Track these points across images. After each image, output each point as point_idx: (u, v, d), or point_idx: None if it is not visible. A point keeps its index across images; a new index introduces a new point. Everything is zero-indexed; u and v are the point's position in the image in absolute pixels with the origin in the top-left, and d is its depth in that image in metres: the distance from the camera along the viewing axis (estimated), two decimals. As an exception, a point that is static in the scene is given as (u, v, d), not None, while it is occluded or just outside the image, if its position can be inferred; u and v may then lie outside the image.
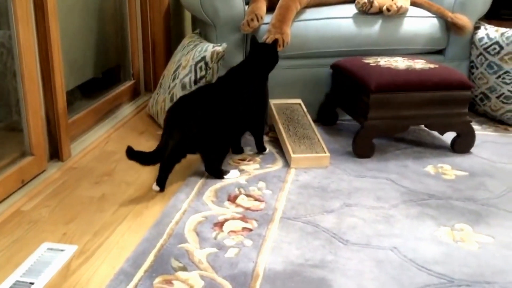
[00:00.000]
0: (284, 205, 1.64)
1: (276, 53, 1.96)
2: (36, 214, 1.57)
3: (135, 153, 1.62)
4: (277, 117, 2.12)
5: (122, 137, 2.19)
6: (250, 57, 1.96)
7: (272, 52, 1.96)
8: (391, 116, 1.98)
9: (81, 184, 1.77)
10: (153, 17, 2.62)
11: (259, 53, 1.94)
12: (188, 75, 2.07)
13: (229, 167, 1.86)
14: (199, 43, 2.20)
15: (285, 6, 2.21)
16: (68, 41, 2.09)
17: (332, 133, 2.26)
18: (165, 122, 1.74)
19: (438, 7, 2.36)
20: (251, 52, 1.96)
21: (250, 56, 1.96)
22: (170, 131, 1.69)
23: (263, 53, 1.95)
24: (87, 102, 2.26)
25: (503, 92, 2.31)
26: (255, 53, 1.95)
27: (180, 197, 1.67)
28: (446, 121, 2.02)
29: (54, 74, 1.81)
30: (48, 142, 1.87)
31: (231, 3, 2.15)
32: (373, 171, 1.90)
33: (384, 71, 2.01)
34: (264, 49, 1.96)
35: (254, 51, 1.95)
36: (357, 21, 2.30)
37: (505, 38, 2.27)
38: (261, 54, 1.94)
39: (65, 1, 2.04)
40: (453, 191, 1.76)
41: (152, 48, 2.67)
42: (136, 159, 1.63)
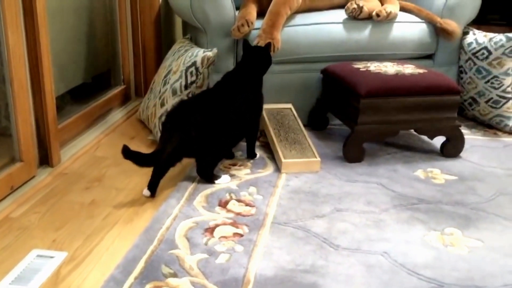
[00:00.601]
0: (275, 210, 1.64)
1: (269, 56, 1.97)
2: (26, 220, 1.56)
3: (132, 153, 1.61)
4: (268, 122, 2.12)
5: (113, 142, 2.18)
6: (243, 61, 1.96)
7: (265, 54, 1.96)
8: (381, 121, 1.99)
9: (71, 190, 1.76)
10: (144, 22, 2.62)
11: (252, 56, 1.95)
12: (179, 80, 2.07)
13: (220, 172, 1.86)
14: (190, 48, 2.20)
15: (275, 12, 2.21)
16: (58, 46, 2.08)
17: (322, 137, 2.26)
18: (164, 126, 1.74)
19: (427, 13, 2.38)
20: (244, 55, 1.96)
21: (244, 60, 1.96)
22: (169, 135, 1.69)
23: (256, 56, 1.95)
24: (77, 107, 2.25)
25: (492, 96, 2.33)
26: (248, 56, 1.95)
27: (171, 202, 1.67)
28: (436, 125, 2.04)
29: (43, 80, 1.80)
30: (37, 147, 1.86)
31: (222, 8, 2.16)
32: (364, 175, 1.91)
33: (374, 76, 2.02)
34: (257, 52, 1.96)
35: (247, 54, 1.95)
36: (347, 27, 2.32)
37: (493, 43, 2.29)
38: (254, 57, 1.95)
39: (55, 6, 2.04)
40: (443, 195, 1.77)
41: (143, 53, 2.67)
42: (132, 159, 1.62)
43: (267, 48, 1.97)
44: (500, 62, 2.27)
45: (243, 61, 1.96)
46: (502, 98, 2.31)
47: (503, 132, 2.36)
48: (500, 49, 2.26)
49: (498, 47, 2.27)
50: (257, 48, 1.98)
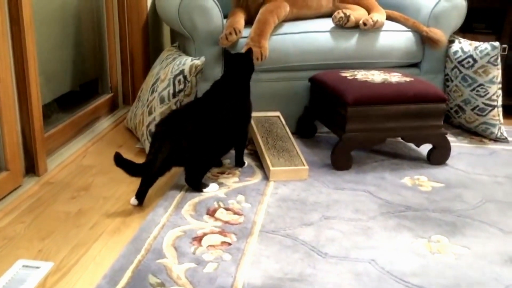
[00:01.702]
0: (263, 218, 1.64)
1: (250, 61, 1.96)
2: (11, 230, 1.54)
3: (124, 161, 1.61)
4: (256, 130, 2.13)
5: (100, 151, 2.17)
6: (226, 69, 1.96)
7: (245, 60, 1.95)
8: (368, 129, 2.00)
9: (57, 199, 1.74)
10: (132, 30, 2.62)
11: (233, 63, 1.94)
12: (167, 89, 2.06)
13: (208, 180, 1.86)
14: (178, 56, 2.20)
15: (263, 20, 2.22)
16: (45, 54, 2.07)
17: (310, 145, 2.27)
18: (154, 136, 1.73)
19: (413, 22, 2.41)
20: (225, 64, 1.96)
21: (226, 68, 1.96)
22: (160, 144, 1.68)
23: (237, 62, 1.94)
24: (65, 116, 2.24)
25: (478, 104, 2.36)
26: (230, 64, 1.95)
27: (158, 211, 1.66)
28: (422, 133, 2.06)
29: (30, 88, 1.79)
30: (23, 156, 1.84)
31: (209, 17, 2.16)
32: (351, 183, 1.92)
33: (361, 85, 2.03)
34: (237, 58, 1.95)
35: (229, 62, 1.95)
36: (334, 35, 2.33)
37: (478, 52, 2.31)
38: (236, 64, 1.94)
39: (42, 14, 2.03)
40: (430, 202, 1.78)
41: (131, 61, 2.66)
42: (124, 168, 1.61)
43: (248, 54, 1.96)
44: (486, 71, 2.30)
45: (225, 69, 1.96)
46: (487, 106, 2.34)
47: (489, 140, 2.39)
48: (485, 57, 2.29)
49: (484, 55, 2.29)
50: (238, 55, 1.97)
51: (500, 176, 2.00)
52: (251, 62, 1.96)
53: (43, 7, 2.06)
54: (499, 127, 2.36)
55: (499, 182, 1.96)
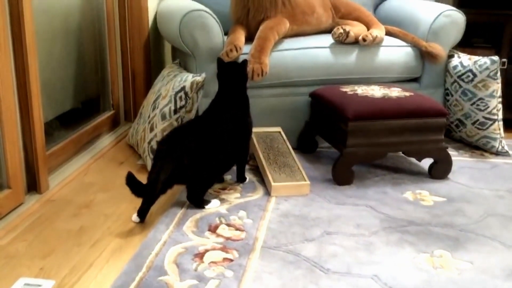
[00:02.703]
0: (265, 234, 1.64)
1: (243, 70, 1.94)
2: (13, 248, 1.54)
3: (135, 181, 1.62)
4: (257, 146, 2.13)
5: (101, 168, 2.17)
6: (220, 79, 1.95)
7: (238, 69, 1.93)
8: (369, 144, 2.01)
9: (59, 216, 1.74)
10: (133, 47, 2.64)
11: (226, 72, 1.93)
12: (168, 105, 2.07)
13: (209, 197, 1.86)
14: (179, 73, 2.22)
15: (264, 37, 2.24)
16: (47, 71, 2.09)
17: (312, 160, 2.27)
18: (157, 154, 1.74)
19: (412, 37, 2.43)
20: (219, 72, 1.95)
21: (220, 77, 1.94)
22: (162, 163, 1.69)
23: (230, 71, 1.93)
24: (66, 133, 2.24)
25: (478, 118, 2.36)
26: (223, 72, 1.93)
27: (160, 228, 1.66)
28: (423, 147, 2.06)
29: (32, 106, 1.80)
30: (25, 174, 1.84)
31: (210, 34, 2.18)
32: (353, 198, 1.91)
33: (361, 100, 2.04)
34: (230, 67, 1.94)
35: (221, 70, 1.94)
36: (334, 51, 2.35)
37: (478, 66, 2.33)
38: (229, 72, 1.93)
39: (44, 31, 2.05)
40: (432, 217, 1.78)
41: (132, 78, 2.68)
42: (131, 188, 1.62)
43: (242, 63, 1.94)
44: (485, 85, 2.31)
45: (219, 79, 1.95)
46: (488, 120, 2.34)
47: (490, 153, 2.39)
48: (485, 71, 2.30)
49: (483, 69, 2.31)
50: (230, 64, 1.96)
51: (502, 190, 2.00)
52: (244, 71, 1.95)
53: (45, 24, 2.08)
54: (500, 140, 2.36)
55: (501, 196, 1.95)
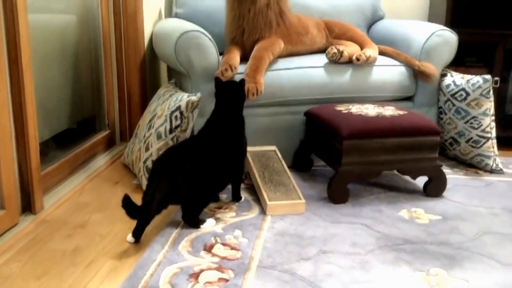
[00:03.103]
0: (261, 253, 1.63)
1: (241, 89, 1.94)
2: (7, 269, 1.53)
3: (130, 204, 1.62)
4: (253, 164, 2.13)
5: (96, 188, 2.17)
6: (217, 97, 1.95)
7: (237, 88, 1.93)
8: (364, 162, 2.02)
9: (53, 237, 1.73)
10: (129, 67, 2.65)
11: (225, 91, 1.93)
12: (164, 125, 2.08)
13: (205, 216, 1.86)
14: (174, 93, 2.23)
15: (258, 57, 2.27)
16: (43, 92, 2.09)
17: (307, 179, 2.28)
18: (151, 175, 1.74)
19: (405, 56, 2.46)
20: (216, 92, 1.95)
21: (217, 96, 1.95)
22: (157, 183, 1.69)
23: (228, 91, 1.93)
24: (61, 153, 2.24)
25: (472, 136, 2.38)
26: (221, 91, 1.94)
27: (155, 248, 1.65)
28: (417, 165, 2.07)
29: (27, 127, 1.80)
30: (20, 195, 1.84)
31: (205, 54, 2.20)
32: (349, 216, 1.91)
33: (356, 118, 2.06)
34: (228, 86, 1.94)
35: (219, 90, 1.94)
36: (328, 70, 2.37)
37: (470, 85, 2.35)
38: (227, 92, 1.93)
39: (40, 51, 2.06)
40: (427, 235, 1.78)
41: (128, 98, 2.69)
42: (127, 211, 1.62)
43: (240, 83, 1.95)
44: (478, 103, 2.33)
45: (216, 98, 1.95)
46: (482, 138, 2.36)
47: (484, 171, 2.40)
48: (478, 90, 2.32)
49: (476, 88, 2.33)
50: (229, 83, 1.97)
51: (497, 208, 2.01)
52: (243, 91, 1.95)
53: (41, 45, 2.09)
54: (494, 158, 2.38)
55: (496, 213, 1.96)
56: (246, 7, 2.35)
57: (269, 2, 2.36)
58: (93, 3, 2.51)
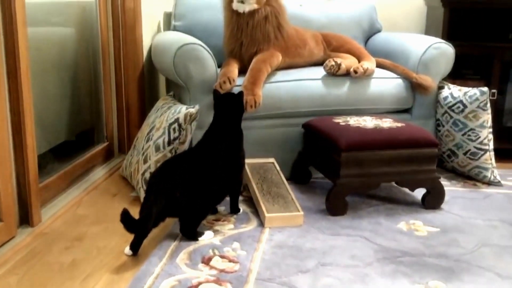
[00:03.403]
0: (259, 266, 1.63)
1: (240, 101, 1.94)
2: (4, 283, 1.52)
3: (129, 219, 1.61)
4: (251, 176, 2.13)
5: (94, 200, 2.16)
6: (216, 110, 1.95)
7: (235, 100, 1.93)
8: (362, 174, 2.02)
9: (51, 250, 1.73)
10: (128, 80, 2.66)
11: (223, 104, 1.93)
12: (162, 137, 2.09)
13: (203, 228, 1.85)
14: (173, 105, 2.24)
15: (257, 69, 2.28)
16: (42, 105, 2.10)
17: (305, 191, 2.28)
18: (149, 188, 1.74)
19: (402, 69, 2.47)
20: (215, 104, 1.95)
21: (216, 109, 1.95)
22: (155, 196, 1.69)
23: (227, 103, 1.93)
24: (60, 165, 2.24)
25: (470, 148, 2.38)
26: (219, 104, 1.94)
27: (153, 260, 1.65)
28: (416, 177, 2.07)
29: (26, 140, 1.80)
30: (18, 207, 1.83)
31: (204, 66, 2.21)
32: (347, 229, 1.91)
33: (354, 130, 2.06)
34: (226, 98, 1.95)
35: (218, 102, 1.94)
36: (326, 83, 2.38)
37: (468, 97, 2.36)
38: (226, 105, 1.93)
39: (39, 64, 2.07)
40: (426, 247, 1.77)
41: (126, 110, 2.69)
42: (125, 225, 1.61)
43: (238, 95, 1.95)
44: (476, 115, 2.34)
45: (215, 110, 1.95)
46: (479, 150, 2.36)
47: (482, 183, 2.40)
48: (475, 102, 2.33)
49: (473, 100, 2.34)
50: (227, 95, 1.97)
51: (495, 220, 2.01)
52: (241, 103, 1.96)
53: (40, 57, 2.10)
54: (492, 170, 2.38)
55: (494, 226, 1.96)
56: (244, 20, 2.37)
57: (267, 15, 2.38)
58: (92, 16, 2.53)
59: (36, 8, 2.10)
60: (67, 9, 2.40)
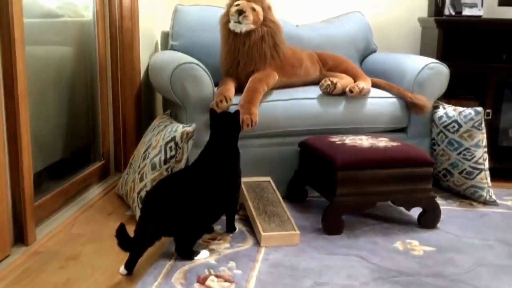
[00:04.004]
0: (255, 285, 1.62)
1: (236, 120, 1.94)
2: (-4, 302, 1.51)
3: (124, 235, 1.62)
4: (247, 195, 2.13)
5: (90, 219, 2.16)
6: (212, 129, 1.94)
7: (231, 119, 1.93)
8: (358, 193, 2.02)
9: (45, 269, 1.71)
10: (125, 98, 2.67)
11: (219, 123, 1.93)
12: (158, 155, 2.09)
13: (199, 247, 1.84)
14: (170, 123, 2.24)
15: (253, 88, 2.29)
16: (38, 122, 2.10)
17: (301, 210, 2.27)
18: (144, 207, 1.73)
19: (398, 88, 2.49)
20: (211, 124, 1.95)
21: (212, 128, 1.94)
22: (150, 215, 1.68)
23: (223, 122, 1.93)
24: (55, 184, 2.24)
25: (465, 168, 2.39)
26: (216, 123, 1.94)
27: (147, 280, 1.63)
28: (411, 197, 2.07)
29: (22, 158, 1.80)
30: (13, 226, 1.82)
31: (201, 85, 2.22)
32: (343, 248, 1.91)
33: (350, 149, 2.07)
34: (223, 117, 1.94)
35: (214, 121, 1.94)
36: (322, 102, 2.40)
37: (462, 117, 2.38)
38: (222, 124, 1.93)
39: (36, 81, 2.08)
40: (422, 267, 1.77)
41: (123, 128, 2.70)
42: (119, 240, 1.61)
43: (235, 114, 1.95)
44: (471, 135, 2.35)
45: (211, 130, 1.94)
46: (475, 169, 2.37)
47: (478, 203, 2.41)
48: (470, 122, 2.35)
49: (468, 120, 2.36)
50: (224, 114, 1.97)
51: (491, 239, 2.01)
52: (238, 122, 1.96)
53: (37, 75, 2.11)
54: (487, 190, 2.39)
55: (490, 245, 1.96)
56: (241, 40, 2.39)
57: (263, 35, 2.40)
58: (90, 35, 2.55)
59: (34, 27, 2.12)
60: (65, 28, 2.42)
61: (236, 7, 2.37)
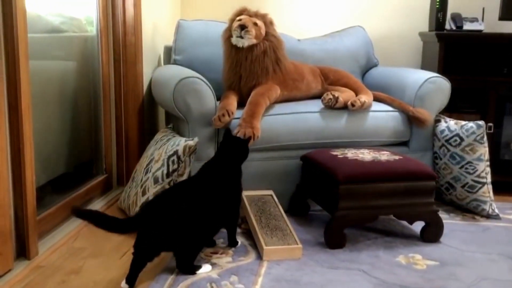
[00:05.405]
0: (257, 300, 1.61)
1: (246, 148, 1.99)
2: (-2, 316, 1.51)
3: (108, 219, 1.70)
4: (249, 209, 2.13)
5: (92, 233, 2.15)
6: (222, 149, 1.97)
7: (243, 146, 1.98)
8: (360, 206, 2.02)
9: (47, 283, 1.71)
10: (128, 112, 2.69)
11: (231, 146, 1.96)
12: (161, 169, 2.09)
13: (201, 261, 1.84)
14: (172, 137, 2.25)
15: (255, 102, 2.30)
16: (42, 136, 2.11)
17: (304, 223, 2.27)
18: (141, 221, 1.72)
19: (399, 102, 2.50)
20: (223, 143, 1.98)
21: (222, 148, 1.97)
22: (146, 230, 1.68)
23: (234, 146, 1.97)
24: (58, 197, 2.24)
25: (467, 181, 2.39)
26: (227, 145, 1.97)
27: (150, 294, 1.63)
28: (414, 210, 2.07)
29: (25, 172, 1.81)
30: (15, 240, 1.82)
31: (203, 99, 2.24)
32: (346, 262, 1.90)
33: (352, 163, 2.07)
34: (236, 142, 1.98)
35: (226, 143, 1.97)
36: (324, 116, 2.41)
37: (464, 130, 2.38)
38: (233, 147, 1.96)
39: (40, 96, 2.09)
40: (425, 281, 1.76)
41: (126, 142, 2.71)
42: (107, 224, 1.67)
43: (247, 141, 2.00)
44: (473, 149, 2.36)
45: (221, 149, 1.97)
46: (477, 183, 2.37)
47: (481, 216, 2.40)
48: (472, 136, 2.35)
49: (470, 134, 2.36)
50: (237, 139, 2.01)
51: (494, 254, 2.00)
52: (247, 149, 1.99)
53: (41, 89, 2.12)
54: (490, 203, 2.38)
55: (493, 259, 1.95)
56: (243, 54, 2.41)
57: (265, 49, 2.42)
58: (94, 50, 2.57)
59: (39, 42, 2.14)
60: (69, 43, 2.45)
61: (238, 22, 2.39)
